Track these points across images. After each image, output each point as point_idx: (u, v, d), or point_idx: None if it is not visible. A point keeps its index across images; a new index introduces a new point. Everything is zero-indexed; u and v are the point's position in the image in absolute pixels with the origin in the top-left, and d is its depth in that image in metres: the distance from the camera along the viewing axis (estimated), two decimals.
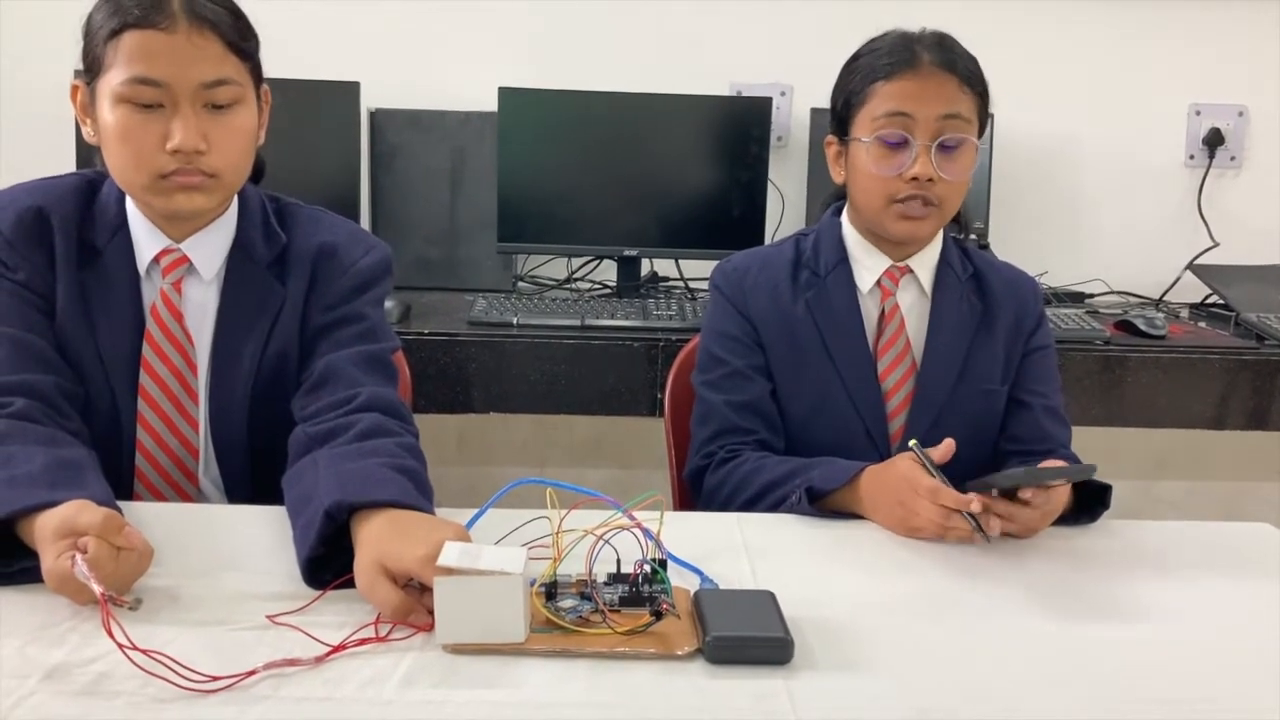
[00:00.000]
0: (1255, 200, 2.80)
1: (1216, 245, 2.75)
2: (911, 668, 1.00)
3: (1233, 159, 2.80)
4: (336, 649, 0.98)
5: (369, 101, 2.57)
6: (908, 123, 1.47)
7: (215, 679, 0.91)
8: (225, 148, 1.34)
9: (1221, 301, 2.59)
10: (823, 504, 1.37)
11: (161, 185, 1.33)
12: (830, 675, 0.98)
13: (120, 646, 0.93)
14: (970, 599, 1.16)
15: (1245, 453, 2.80)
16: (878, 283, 1.57)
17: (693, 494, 1.60)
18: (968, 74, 1.49)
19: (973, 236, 1.62)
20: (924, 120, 1.46)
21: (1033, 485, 1.25)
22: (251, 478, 1.44)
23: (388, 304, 2.21)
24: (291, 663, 0.95)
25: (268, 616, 1.03)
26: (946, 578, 1.21)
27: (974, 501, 1.24)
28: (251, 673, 0.93)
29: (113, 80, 1.29)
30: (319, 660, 0.96)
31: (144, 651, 0.93)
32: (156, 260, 1.41)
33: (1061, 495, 1.30)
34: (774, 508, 1.41)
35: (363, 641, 0.99)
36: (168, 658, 0.92)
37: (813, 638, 1.03)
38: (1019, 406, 1.58)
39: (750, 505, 1.45)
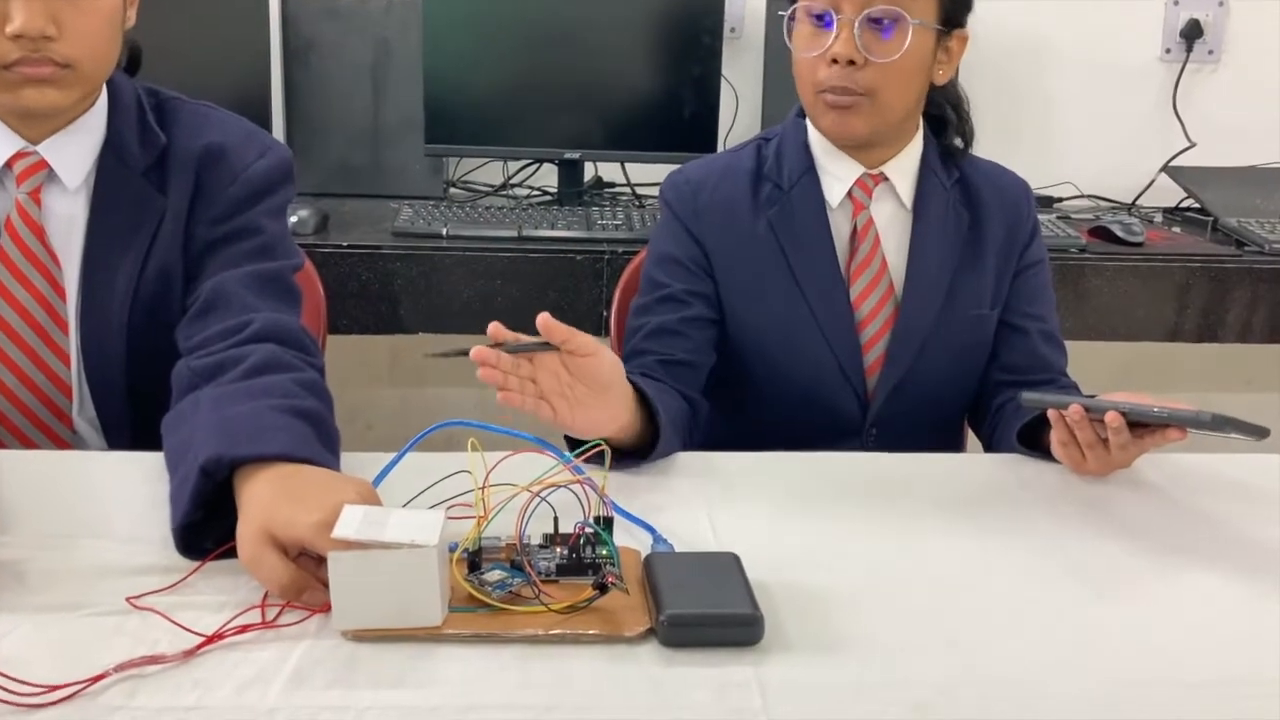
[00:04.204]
0: (1234, 98, 2.67)
1: (1193, 146, 2.63)
2: (903, 648, 0.85)
3: (1211, 53, 2.66)
4: (209, 640, 0.80)
5: None
6: None
7: (53, 688, 0.74)
8: (80, 31, 1.15)
9: (1198, 205, 2.48)
10: None
11: (5, 78, 1.15)
12: (807, 659, 0.83)
13: None
14: (967, 557, 1.01)
15: (1223, 363, 2.71)
16: (848, 194, 1.39)
17: None
18: None
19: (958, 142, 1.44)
20: None
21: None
22: (133, 418, 1.27)
23: (303, 213, 2.04)
24: (152, 660, 0.78)
25: (129, 599, 0.85)
26: (941, 533, 1.06)
27: None
28: (98, 678, 0.75)
29: None
30: (188, 655, 0.79)
31: None
32: (9, 165, 1.22)
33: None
34: None
35: (244, 629, 0.82)
36: None
37: (785, 611, 0.88)
38: (1014, 332, 1.42)
39: None
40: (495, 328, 1.06)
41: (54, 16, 1.12)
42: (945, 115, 1.44)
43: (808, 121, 1.42)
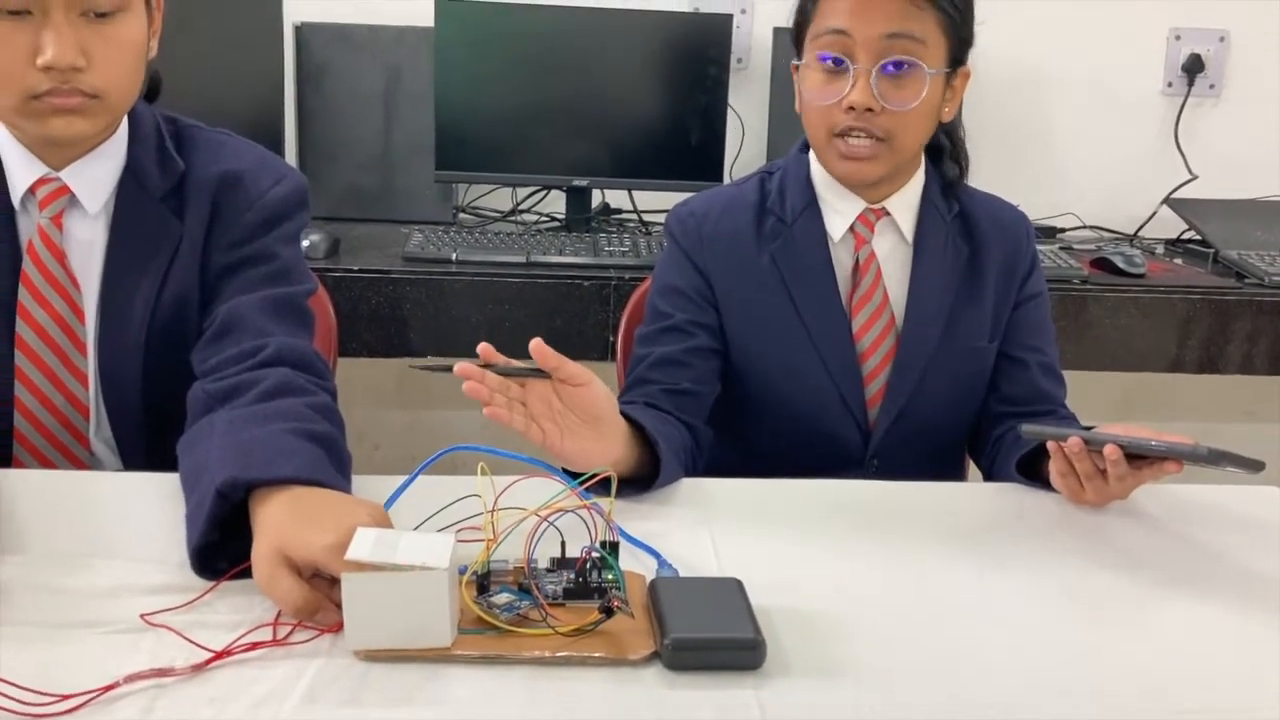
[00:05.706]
0: (1235, 131, 2.69)
1: (1195, 178, 2.65)
2: (902, 673, 0.87)
3: (1212, 87, 2.68)
4: (219, 655, 0.82)
5: (293, 14, 2.38)
6: (847, 43, 1.30)
7: (64, 698, 0.76)
8: (107, 63, 1.17)
9: (1199, 237, 2.49)
10: None
11: (34, 107, 1.17)
12: (807, 682, 0.85)
13: None
14: (966, 584, 1.03)
15: (1224, 394, 2.72)
16: (850, 229, 1.41)
17: None
18: None
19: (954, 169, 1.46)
20: (864, 39, 1.29)
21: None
22: (149, 439, 1.29)
23: (314, 238, 2.06)
24: (161, 673, 0.79)
25: (142, 616, 0.87)
26: (941, 560, 1.07)
27: None
28: (109, 688, 0.77)
29: None
30: (196, 669, 0.81)
31: None
32: (33, 191, 1.24)
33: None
34: None
35: (254, 646, 0.84)
36: None
37: (786, 636, 0.89)
38: (1013, 364, 1.43)
39: None
40: (485, 348, 1.05)
41: (83, 48, 1.14)
42: (939, 142, 1.44)
43: (810, 156, 1.43)
